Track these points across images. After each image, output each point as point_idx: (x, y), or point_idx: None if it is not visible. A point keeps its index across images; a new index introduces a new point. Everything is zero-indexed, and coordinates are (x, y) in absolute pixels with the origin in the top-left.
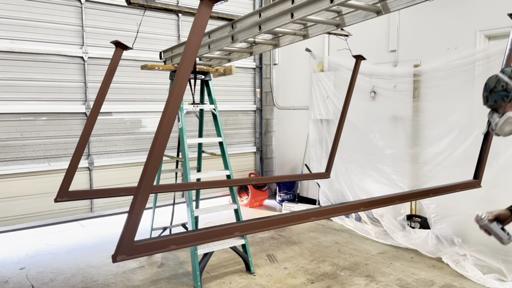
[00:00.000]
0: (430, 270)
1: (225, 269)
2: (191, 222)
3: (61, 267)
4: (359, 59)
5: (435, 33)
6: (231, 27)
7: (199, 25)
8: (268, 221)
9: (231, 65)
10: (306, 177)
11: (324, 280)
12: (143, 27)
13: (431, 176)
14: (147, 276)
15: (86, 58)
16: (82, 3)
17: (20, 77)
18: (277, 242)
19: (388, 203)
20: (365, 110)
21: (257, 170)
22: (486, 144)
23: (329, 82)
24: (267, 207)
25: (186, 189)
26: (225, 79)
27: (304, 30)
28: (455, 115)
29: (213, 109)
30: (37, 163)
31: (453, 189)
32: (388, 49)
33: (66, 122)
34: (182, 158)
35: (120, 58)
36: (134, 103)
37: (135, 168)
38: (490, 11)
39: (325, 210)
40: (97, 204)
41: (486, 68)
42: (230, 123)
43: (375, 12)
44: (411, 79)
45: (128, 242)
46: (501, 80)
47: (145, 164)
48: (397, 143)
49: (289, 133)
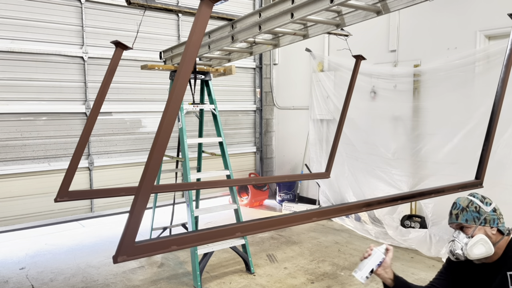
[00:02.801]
0: (430, 270)
1: (225, 269)
2: (191, 222)
3: (61, 267)
4: (359, 59)
5: (435, 33)
6: (231, 27)
7: (199, 25)
8: (269, 222)
9: (231, 65)
10: (306, 177)
11: (324, 280)
12: (143, 27)
13: (431, 176)
14: (147, 276)
15: (86, 58)
16: (82, 3)
17: (20, 77)
18: (277, 242)
19: (390, 203)
20: (365, 110)
21: (257, 170)
22: (487, 143)
23: (329, 82)
24: (267, 207)
25: (186, 189)
26: (225, 79)
27: (304, 30)
28: (455, 115)
29: (213, 109)
30: (37, 163)
31: (455, 189)
32: (388, 49)
33: (66, 122)
34: (182, 158)
35: (120, 58)
36: (134, 103)
37: (135, 168)
38: (490, 11)
39: (326, 210)
40: (97, 204)
41: (486, 68)
42: (230, 123)
43: (375, 12)
44: (411, 79)
45: (129, 242)
46: (474, 202)
47: (146, 165)
48: (397, 143)
49: (289, 133)
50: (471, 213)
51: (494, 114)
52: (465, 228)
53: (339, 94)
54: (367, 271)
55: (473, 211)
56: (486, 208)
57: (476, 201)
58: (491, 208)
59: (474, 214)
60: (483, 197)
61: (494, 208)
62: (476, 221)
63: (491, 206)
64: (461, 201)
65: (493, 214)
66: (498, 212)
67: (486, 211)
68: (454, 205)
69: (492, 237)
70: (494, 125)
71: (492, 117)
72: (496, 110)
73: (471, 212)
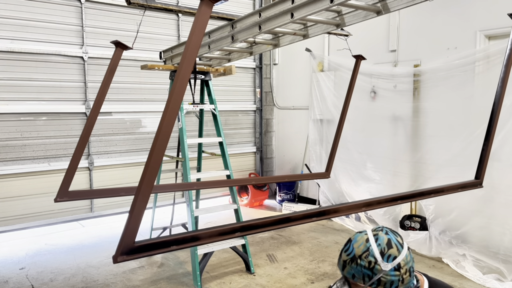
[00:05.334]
0: (430, 270)
1: (225, 269)
2: (191, 222)
3: (61, 267)
4: (359, 59)
5: (435, 33)
6: (231, 27)
7: (199, 25)
8: (269, 222)
9: (231, 65)
10: (306, 177)
11: (324, 280)
12: (143, 27)
13: (431, 176)
14: (147, 276)
15: (86, 58)
16: (82, 3)
17: (20, 77)
18: (277, 242)
19: (390, 203)
20: (365, 110)
21: (257, 170)
22: (487, 144)
23: (329, 82)
24: (267, 207)
25: (186, 189)
26: (225, 79)
27: (304, 30)
28: (455, 115)
29: (213, 109)
30: (37, 163)
31: (454, 189)
32: (388, 49)
33: (66, 122)
34: (182, 158)
35: (120, 58)
36: (134, 103)
37: (135, 168)
38: (490, 11)
39: (326, 210)
40: (97, 204)
41: (486, 68)
42: (230, 123)
43: (375, 12)
44: (411, 79)
45: (129, 242)
46: (371, 253)
47: (146, 165)
48: (397, 143)
49: (289, 133)
50: (361, 268)
51: (494, 114)
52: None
53: (339, 94)
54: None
55: (365, 267)
56: (385, 265)
57: (374, 251)
58: (393, 265)
59: (365, 271)
60: (389, 244)
61: (397, 266)
62: (366, 281)
63: (395, 261)
64: (356, 244)
65: (393, 275)
66: (403, 271)
67: (383, 270)
68: (347, 246)
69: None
70: (494, 125)
71: (492, 117)
72: (496, 110)
73: (362, 267)
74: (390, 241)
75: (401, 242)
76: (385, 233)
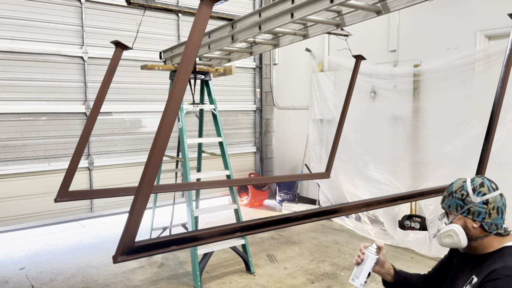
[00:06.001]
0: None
1: (225, 269)
2: (191, 222)
3: (61, 267)
4: (359, 59)
5: (435, 33)
6: (231, 27)
7: (199, 25)
8: (269, 222)
9: (231, 65)
10: (306, 177)
11: (324, 280)
12: (143, 27)
13: (431, 176)
14: (147, 276)
15: (86, 58)
16: (82, 3)
17: (20, 77)
18: (277, 242)
19: (390, 203)
20: (365, 110)
21: (257, 170)
22: (487, 143)
23: (329, 82)
24: (267, 207)
25: (186, 189)
26: (225, 79)
27: (304, 30)
28: (455, 115)
29: (213, 109)
30: (37, 163)
31: None
32: (388, 49)
33: (66, 122)
34: (182, 158)
35: (120, 58)
36: (134, 103)
37: (135, 168)
38: (490, 11)
39: (326, 210)
40: (97, 204)
41: (486, 68)
42: (230, 123)
43: (375, 12)
44: (411, 79)
45: (129, 242)
46: (464, 188)
47: (146, 165)
48: (397, 143)
49: (289, 133)
50: (455, 200)
51: (494, 114)
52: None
53: (339, 94)
54: (364, 276)
55: (458, 199)
56: (475, 198)
57: (467, 187)
58: (482, 199)
59: (458, 202)
60: (482, 184)
61: (485, 201)
62: (458, 210)
63: (484, 197)
64: (455, 183)
65: (481, 207)
66: (491, 207)
67: (473, 202)
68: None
69: (471, 231)
70: (494, 125)
71: (492, 117)
72: (496, 110)
73: (456, 199)
74: (483, 183)
75: (494, 187)
76: (481, 179)
